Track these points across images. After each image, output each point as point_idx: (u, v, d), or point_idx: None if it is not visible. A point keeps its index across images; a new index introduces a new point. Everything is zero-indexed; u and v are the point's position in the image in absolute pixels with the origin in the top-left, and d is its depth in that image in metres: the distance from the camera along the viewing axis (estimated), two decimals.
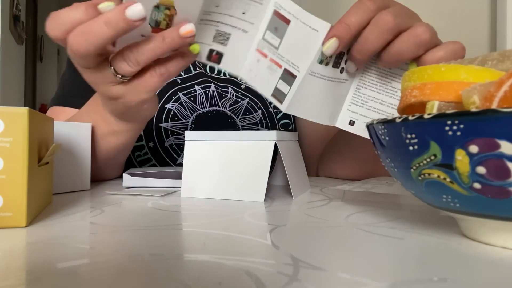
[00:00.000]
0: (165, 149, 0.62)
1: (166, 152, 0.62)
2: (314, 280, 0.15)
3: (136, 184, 0.44)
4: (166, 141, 0.62)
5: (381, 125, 0.21)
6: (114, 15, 0.30)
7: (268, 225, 0.25)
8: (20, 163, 0.24)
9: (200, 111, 0.64)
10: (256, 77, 0.38)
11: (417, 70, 0.23)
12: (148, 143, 0.61)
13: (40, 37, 3.24)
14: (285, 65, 0.38)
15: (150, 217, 0.28)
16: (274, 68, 0.38)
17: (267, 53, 0.37)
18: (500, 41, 1.15)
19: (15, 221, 0.24)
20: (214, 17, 0.35)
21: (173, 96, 0.63)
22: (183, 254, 0.19)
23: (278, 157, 0.47)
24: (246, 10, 0.36)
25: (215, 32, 0.36)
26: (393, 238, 0.22)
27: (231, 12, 0.36)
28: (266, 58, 0.37)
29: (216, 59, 0.37)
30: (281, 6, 0.36)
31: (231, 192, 0.36)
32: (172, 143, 0.62)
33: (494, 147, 0.16)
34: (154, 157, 0.62)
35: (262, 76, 0.38)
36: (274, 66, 0.38)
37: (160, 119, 0.62)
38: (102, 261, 0.18)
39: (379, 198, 0.37)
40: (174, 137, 0.62)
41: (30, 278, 0.16)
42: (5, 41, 2.01)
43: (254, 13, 0.36)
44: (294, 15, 0.36)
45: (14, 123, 0.24)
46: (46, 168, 0.31)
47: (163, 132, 0.62)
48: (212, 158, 0.38)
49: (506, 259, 0.18)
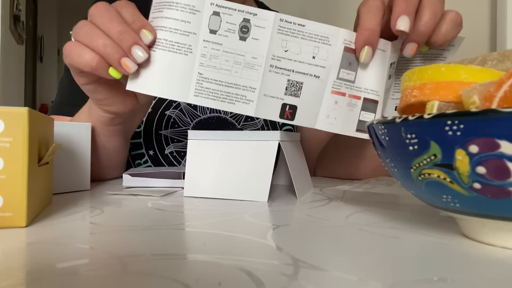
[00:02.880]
0: (166, 157, 0.61)
1: (166, 160, 0.61)
2: (314, 280, 0.15)
3: (136, 184, 0.44)
4: (166, 148, 0.61)
5: (381, 125, 0.21)
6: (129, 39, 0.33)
7: (269, 225, 0.25)
8: (20, 163, 0.24)
9: (200, 117, 0.63)
10: (336, 121, 0.37)
11: (417, 70, 0.23)
12: (148, 151, 0.61)
13: (40, 37, 3.24)
14: (364, 95, 0.37)
15: (150, 217, 0.28)
16: (354, 103, 0.37)
17: (345, 91, 0.37)
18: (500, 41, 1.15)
19: (15, 221, 0.24)
20: (284, 64, 0.34)
21: (173, 102, 0.62)
22: (183, 254, 0.19)
23: (281, 157, 0.47)
24: (316, 53, 0.35)
25: (287, 82, 0.35)
26: (393, 238, 0.22)
27: (301, 57, 0.35)
28: (345, 97, 0.37)
29: (289, 114, 0.36)
30: (349, 41, 0.36)
31: (234, 192, 0.36)
32: (172, 150, 0.61)
33: (494, 147, 0.16)
34: (155, 165, 0.61)
35: (342, 117, 0.37)
36: (353, 101, 0.37)
37: (160, 126, 0.61)
38: (102, 261, 0.18)
39: (379, 198, 0.37)
40: (174, 145, 0.61)
41: (30, 278, 0.16)
42: (5, 41, 2.01)
43: (324, 55, 0.35)
44: None
45: (14, 123, 0.24)
46: (46, 168, 0.31)
47: (163, 139, 0.61)
48: (215, 157, 0.38)
49: (506, 259, 0.18)
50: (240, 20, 0.33)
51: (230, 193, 0.37)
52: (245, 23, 0.33)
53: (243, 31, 0.33)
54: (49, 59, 3.41)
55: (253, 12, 0.32)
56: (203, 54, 0.34)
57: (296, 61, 0.35)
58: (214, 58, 0.34)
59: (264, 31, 0.33)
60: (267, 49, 0.33)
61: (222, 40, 0.33)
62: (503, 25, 1.13)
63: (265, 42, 0.33)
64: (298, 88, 0.35)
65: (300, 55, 0.34)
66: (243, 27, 0.33)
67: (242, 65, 0.34)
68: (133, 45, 0.32)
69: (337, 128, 0.37)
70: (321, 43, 0.35)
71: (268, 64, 0.34)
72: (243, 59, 0.34)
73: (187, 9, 0.32)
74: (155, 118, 0.61)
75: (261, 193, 0.35)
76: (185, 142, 0.61)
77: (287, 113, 0.36)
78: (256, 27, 0.33)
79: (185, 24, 0.33)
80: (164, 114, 0.61)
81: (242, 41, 0.33)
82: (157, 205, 0.33)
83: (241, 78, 0.35)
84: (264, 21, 0.33)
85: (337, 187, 0.42)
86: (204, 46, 0.34)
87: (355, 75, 0.37)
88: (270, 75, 0.34)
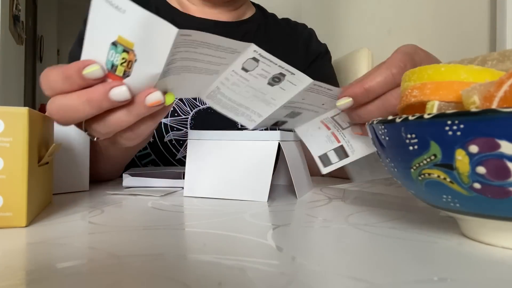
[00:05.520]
0: (165, 144, 0.62)
1: (165, 147, 0.62)
2: (314, 280, 0.15)
3: (136, 184, 0.44)
4: (165, 136, 0.62)
5: (381, 125, 0.21)
6: (98, 95, 0.28)
7: (269, 225, 0.25)
8: (20, 163, 0.24)
9: (199, 107, 0.64)
10: (311, 137, 0.41)
11: (417, 70, 0.23)
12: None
13: (40, 37, 3.24)
14: (344, 143, 0.40)
15: (150, 217, 0.28)
16: (332, 140, 0.40)
17: (331, 128, 0.40)
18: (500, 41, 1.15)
19: (15, 221, 0.24)
20: (296, 104, 0.36)
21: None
22: (183, 254, 0.19)
23: (281, 157, 0.47)
24: (326, 103, 0.37)
25: (290, 112, 0.38)
26: (393, 238, 0.22)
27: (314, 103, 0.37)
28: (329, 131, 0.40)
29: (278, 125, 0.41)
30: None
31: (234, 192, 0.36)
32: (171, 138, 0.62)
33: (494, 147, 0.16)
34: (154, 152, 0.62)
35: (316, 139, 0.41)
36: (332, 139, 0.40)
37: None
38: (102, 261, 0.18)
39: (379, 198, 0.37)
40: (173, 133, 0.62)
41: (30, 278, 0.16)
42: (5, 41, 2.01)
43: (332, 105, 0.37)
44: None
45: (14, 123, 0.24)
46: (46, 168, 0.31)
47: (163, 127, 0.62)
48: (215, 157, 0.38)
49: (506, 259, 0.18)
50: (275, 72, 0.33)
51: (230, 193, 0.37)
52: (279, 76, 0.33)
53: (275, 80, 0.34)
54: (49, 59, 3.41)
55: (291, 71, 0.32)
56: (227, 78, 0.34)
57: (307, 104, 0.37)
58: (235, 86, 0.35)
59: (293, 87, 0.34)
60: (289, 99, 0.35)
61: (250, 78, 0.34)
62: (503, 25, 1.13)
63: (290, 95, 0.34)
64: (296, 115, 0.39)
65: (313, 102, 0.37)
66: (275, 77, 0.33)
67: (259, 99, 0.36)
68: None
69: (309, 142, 0.42)
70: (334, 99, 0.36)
71: (283, 105, 0.36)
72: (262, 96, 0.35)
73: (229, 51, 0.31)
74: None
75: (261, 193, 0.35)
76: (185, 131, 0.62)
77: (276, 123, 0.41)
78: (288, 82, 0.33)
79: (220, 59, 0.32)
80: None
81: (269, 86, 0.34)
82: (157, 205, 0.33)
83: (253, 105, 0.36)
84: (298, 81, 0.33)
85: (338, 187, 0.42)
86: (231, 74, 0.34)
87: (347, 126, 0.39)
88: (278, 110, 0.37)
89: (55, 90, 0.29)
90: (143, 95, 0.29)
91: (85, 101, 0.28)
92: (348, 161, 0.40)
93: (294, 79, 0.33)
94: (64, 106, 0.29)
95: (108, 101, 0.28)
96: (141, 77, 0.28)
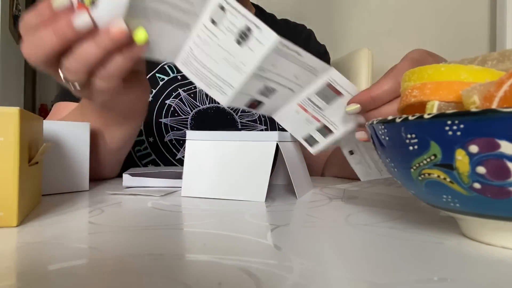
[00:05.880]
0: (165, 144, 0.63)
1: (165, 147, 0.63)
2: (314, 280, 0.15)
3: (136, 184, 0.44)
4: (166, 136, 0.63)
5: (381, 125, 0.21)
6: (61, 24, 0.30)
7: (269, 225, 0.25)
8: (11, 162, 0.24)
9: (199, 107, 0.65)
10: (291, 122, 0.41)
11: (417, 70, 0.23)
12: (148, 138, 0.62)
13: None
14: (324, 121, 0.40)
15: (150, 217, 0.28)
16: (312, 121, 0.40)
17: (309, 110, 0.40)
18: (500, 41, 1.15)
19: (6, 220, 0.24)
20: (267, 74, 0.36)
21: (173, 92, 0.64)
22: (183, 254, 0.19)
23: (280, 157, 0.47)
24: (298, 75, 0.37)
25: (263, 87, 0.37)
26: (393, 238, 0.22)
27: (285, 74, 0.36)
28: (306, 113, 0.40)
29: (255, 107, 0.39)
30: (335, 81, 0.37)
31: (232, 192, 0.36)
32: (172, 138, 0.63)
33: (494, 147, 0.16)
34: (154, 152, 0.62)
35: (296, 123, 0.41)
36: (312, 120, 0.40)
37: (160, 115, 0.63)
38: (101, 261, 0.18)
39: (379, 198, 0.37)
40: (174, 133, 0.63)
41: (28, 278, 0.16)
42: (5, 41, 2.01)
43: (305, 79, 0.37)
44: (346, 89, 0.38)
45: (6, 123, 0.24)
46: (36, 168, 0.31)
47: (163, 127, 0.62)
48: (213, 158, 0.38)
49: (506, 259, 0.18)
50: (242, 25, 0.32)
51: (228, 193, 0.37)
52: (246, 30, 0.33)
53: (242, 37, 0.33)
54: None
55: (257, 25, 0.32)
56: (198, 35, 0.34)
57: (278, 75, 0.36)
58: (206, 46, 0.35)
59: (261, 47, 0.33)
60: (258, 62, 0.34)
61: (219, 34, 0.34)
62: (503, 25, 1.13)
63: (259, 57, 0.33)
64: (270, 92, 0.38)
65: (285, 72, 0.36)
66: (243, 33, 0.33)
67: (229, 64, 0.35)
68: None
69: (289, 127, 0.42)
70: (307, 71, 0.36)
71: (253, 72, 0.35)
72: (232, 60, 0.35)
73: None
74: (155, 107, 0.63)
75: (258, 194, 0.35)
76: (184, 131, 0.63)
77: (253, 105, 0.39)
78: (255, 40, 0.33)
79: (187, 4, 0.33)
80: (164, 103, 0.63)
81: (237, 45, 0.34)
82: (157, 205, 0.33)
83: (224, 72, 0.36)
84: (265, 39, 0.33)
85: (337, 187, 0.42)
86: (202, 30, 0.34)
87: (326, 106, 0.39)
88: (251, 79, 0.36)
89: (29, 28, 0.31)
90: (108, 26, 0.30)
91: (51, 31, 0.30)
92: (334, 137, 0.40)
93: (261, 37, 0.33)
94: (34, 40, 0.31)
95: (71, 30, 0.30)
96: (109, 7, 0.30)
